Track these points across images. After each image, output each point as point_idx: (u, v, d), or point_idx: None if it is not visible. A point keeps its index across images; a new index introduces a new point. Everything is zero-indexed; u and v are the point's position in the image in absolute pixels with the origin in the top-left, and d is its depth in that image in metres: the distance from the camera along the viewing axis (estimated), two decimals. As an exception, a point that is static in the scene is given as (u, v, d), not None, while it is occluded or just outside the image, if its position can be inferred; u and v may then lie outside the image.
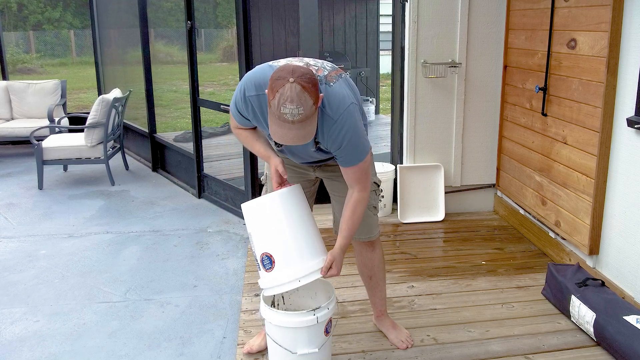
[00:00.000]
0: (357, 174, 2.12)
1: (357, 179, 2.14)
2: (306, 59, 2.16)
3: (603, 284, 2.72)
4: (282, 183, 2.20)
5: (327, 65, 2.18)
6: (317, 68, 2.09)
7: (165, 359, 2.70)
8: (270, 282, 2.15)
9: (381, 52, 8.97)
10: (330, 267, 2.14)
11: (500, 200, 4.19)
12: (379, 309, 2.68)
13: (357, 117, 2.08)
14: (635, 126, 2.67)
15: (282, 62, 2.09)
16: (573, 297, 2.68)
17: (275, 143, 2.20)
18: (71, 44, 17.82)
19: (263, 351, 2.54)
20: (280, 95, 1.81)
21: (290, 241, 2.14)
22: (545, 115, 3.45)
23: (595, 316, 2.52)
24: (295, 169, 2.44)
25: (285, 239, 2.14)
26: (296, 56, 2.30)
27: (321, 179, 2.50)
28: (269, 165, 2.26)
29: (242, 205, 2.22)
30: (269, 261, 2.14)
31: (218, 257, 3.83)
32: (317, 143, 2.12)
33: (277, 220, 2.14)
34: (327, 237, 3.81)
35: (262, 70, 2.08)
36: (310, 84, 1.85)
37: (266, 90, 1.91)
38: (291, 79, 1.82)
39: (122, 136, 6.05)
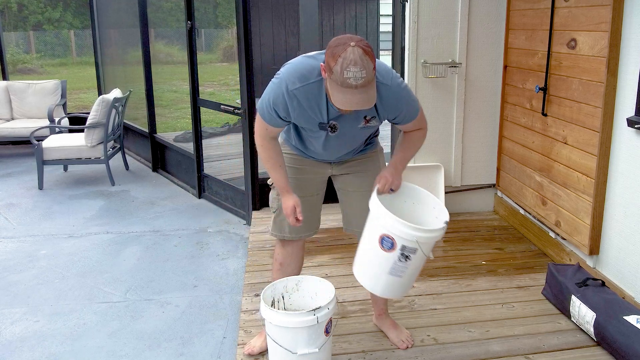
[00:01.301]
0: (416, 123, 2.25)
1: (418, 124, 2.26)
2: None
3: (603, 284, 2.72)
4: (298, 220, 2.28)
5: None
6: None
7: (165, 359, 2.70)
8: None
9: (381, 52, 8.97)
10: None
11: (501, 200, 4.19)
12: (380, 308, 2.68)
13: (404, 84, 2.17)
14: (636, 126, 2.67)
15: (312, 53, 2.13)
16: (573, 297, 2.68)
17: (327, 125, 2.17)
18: (71, 44, 17.82)
19: (264, 352, 2.53)
20: (343, 59, 1.83)
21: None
22: (545, 115, 3.45)
23: (595, 316, 2.52)
24: (311, 170, 2.44)
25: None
26: (297, 56, 2.31)
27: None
28: (284, 200, 2.30)
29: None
30: (390, 244, 2.11)
31: (218, 257, 3.83)
32: (366, 119, 2.16)
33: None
34: (327, 237, 3.82)
35: (301, 62, 2.10)
36: (369, 47, 1.91)
37: (321, 65, 1.96)
38: (352, 43, 1.86)
39: (122, 136, 6.05)
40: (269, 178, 2.47)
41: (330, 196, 2.63)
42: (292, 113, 2.12)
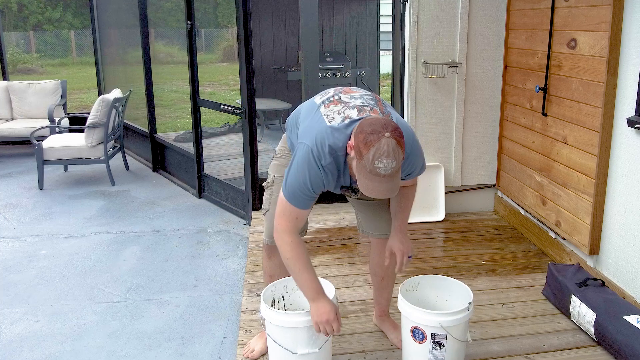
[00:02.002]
0: (415, 177, 2.25)
1: (414, 179, 2.27)
2: (349, 95, 2.14)
3: (603, 283, 2.72)
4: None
5: (367, 95, 2.17)
6: (369, 107, 2.07)
7: (165, 359, 2.70)
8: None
9: (381, 52, 8.97)
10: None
11: (501, 200, 4.19)
12: (382, 309, 2.67)
13: (415, 137, 2.13)
14: (636, 126, 2.67)
15: (336, 124, 2.00)
16: (573, 297, 2.68)
17: (349, 188, 2.15)
18: (71, 44, 17.82)
19: (265, 354, 2.53)
20: (377, 149, 1.79)
21: None
22: (545, 115, 3.45)
23: (595, 316, 2.52)
24: None
25: None
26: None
27: None
28: (320, 306, 2.10)
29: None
30: (420, 335, 2.22)
31: (218, 257, 3.83)
32: None
33: None
34: (327, 237, 3.82)
35: (327, 134, 1.99)
36: (402, 137, 1.85)
37: (349, 144, 1.90)
38: (387, 134, 1.80)
39: (122, 136, 6.06)
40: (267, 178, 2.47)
41: (331, 196, 2.63)
42: (327, 186, 2.07)
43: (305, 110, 2.23)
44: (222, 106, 4.54)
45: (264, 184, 2.48)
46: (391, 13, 4.15)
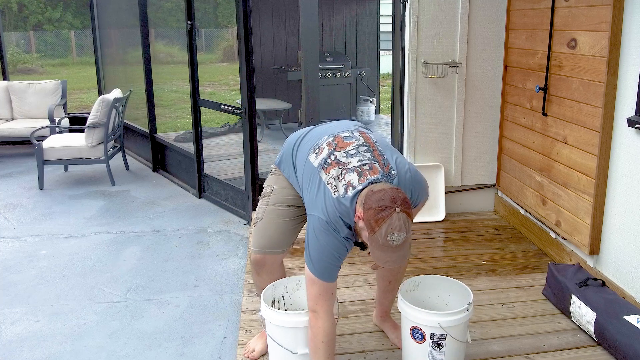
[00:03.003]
0: (422, 205, 2.29)
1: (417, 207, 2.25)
2: (344, 151, 2.10)
3: (603, 283, 2.72)
4: None
5: (362, 146, 2.12)
6: (368, 165, 2.03)
7: (165, 359, 2.70)
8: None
9: (381, 52, 8.97)
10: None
11: (501, 200, 4.19)
12: (384, 309, 2.67)
13: (415, 170, 2.16)
14: (636, 126, 2.67)
15: (339, 195, 1.98)
16: (573, 297, 2.68)
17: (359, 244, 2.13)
18: (71, 44, 17.83)
19: (265, 354, 2.53)
20: (389, 225, 1.82)
21: None
22: (545, 115, 3.45)
23: (595, 316, 2.52)
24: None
25: None
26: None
27: None
28: None
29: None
30: (420, 335, 2.23)
31: (218, 257, 3.83)
32: None
33: None
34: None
35: (334, 206, 1.98)
36: (410, 208, 1.88)
37: (357, 215, 1.90)
38: (398, 209, 1.83)
39: (122, 136, 6.06)
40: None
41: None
42: (348, 250, 2.08)
43: (305, 170, 2.17)
44: (222, 106, 4.54)
45: (260, 195, 2.44)
46: (391, 13, 4.15)
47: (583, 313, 2.61)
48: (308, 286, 2.07)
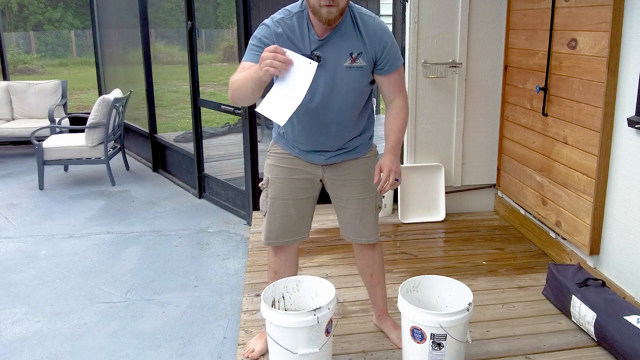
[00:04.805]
0: (398, 80, 2.28)
1: (399, 86, 2.29)
2: None
3: (604, 284, 2.72)
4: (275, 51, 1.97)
5: None
6: None
7: (165, 359, 2.70)
8: None
9: (381, 52, 8.96)
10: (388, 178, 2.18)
11: (501, 200, 4.19)
12: (380, 308, 2.68)
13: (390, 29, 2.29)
14: (636, 126, 2.67)
15: None
16: (574, 297, 2.68)
17: (311, 55, 2.13)
18: (72, 44, 17.84)
19: (265, 354, 2.53)
20: None
21: None
22: (545, 115, 3.45)
23: (595, 316, 2.52)
24: (302, 170, 2.40)
25: None
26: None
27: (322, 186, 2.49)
28: (260, 70, 2.00)
29: None
30: (420, 335, 2.23)
31: (218, 257, 3.83)
32: (352, 58, 2.15)
33: None
34: (328, 237, 3.82)
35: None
36: None
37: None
38: None
39: (122, 136, 6.06)
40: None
41: (328, 197, 2.62)
42: (275, 40, 2.12)
43: None
44: (222, 106, 4.54)
45: (260, 184, 2.50)
46: (391, 13, 4.16)
47: (583, 313, 2.61)
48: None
